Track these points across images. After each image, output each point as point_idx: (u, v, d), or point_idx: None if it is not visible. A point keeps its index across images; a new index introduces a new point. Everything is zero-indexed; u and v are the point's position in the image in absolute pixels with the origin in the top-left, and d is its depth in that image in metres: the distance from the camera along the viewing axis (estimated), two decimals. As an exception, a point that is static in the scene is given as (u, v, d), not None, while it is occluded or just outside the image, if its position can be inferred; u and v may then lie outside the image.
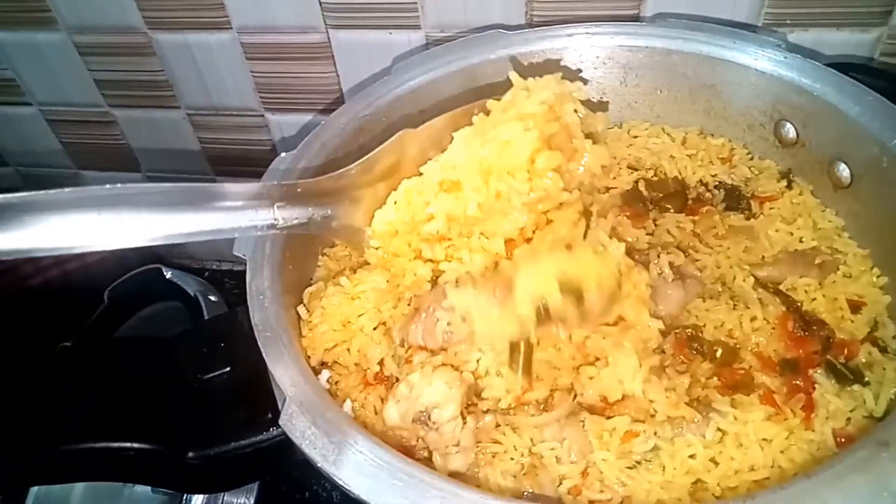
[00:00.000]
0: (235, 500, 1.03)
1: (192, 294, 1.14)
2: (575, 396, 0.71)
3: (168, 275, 1.17)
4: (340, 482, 0.57)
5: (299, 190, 0.74)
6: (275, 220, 0.70)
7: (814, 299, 0.81)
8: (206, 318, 1.08)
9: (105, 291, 1.29)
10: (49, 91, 1.45)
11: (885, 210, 0.81)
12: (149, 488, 1.03)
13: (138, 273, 1.17)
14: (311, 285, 0.84)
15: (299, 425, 0.61)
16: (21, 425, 0.68)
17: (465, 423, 0.68)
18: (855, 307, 0.79)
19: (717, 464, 0.68)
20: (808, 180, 0.93)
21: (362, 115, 0.94)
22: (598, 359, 0.73)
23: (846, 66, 0.94)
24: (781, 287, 0.82)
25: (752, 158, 0.98)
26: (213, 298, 1.13)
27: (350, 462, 0.58)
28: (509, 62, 0.99)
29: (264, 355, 0.66)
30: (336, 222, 0.76)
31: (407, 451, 0.69)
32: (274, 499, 1.09)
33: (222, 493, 0.98)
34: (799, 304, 0.80)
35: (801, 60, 0.89)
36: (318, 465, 0.58)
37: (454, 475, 0.67)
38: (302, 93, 1.35)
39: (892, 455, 0.54)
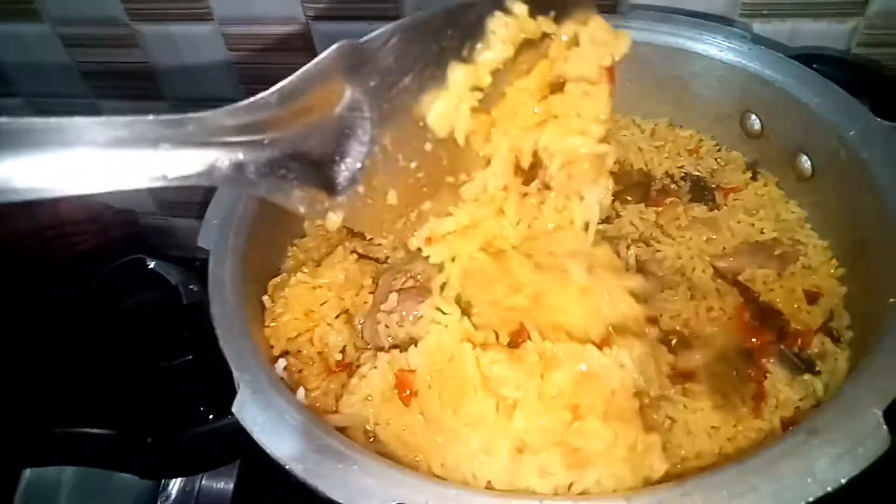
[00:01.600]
0: (214, 484, 1.05)
1: (172, 283, 1.15)
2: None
3: (151, 265, 1.18)
4: (288, 467, 0.59)
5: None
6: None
7: (771, 290, 0.82)
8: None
9: (92, 280, 1.30)
10: (35, 83, 1.47)
11: (844, 202, 0.82)
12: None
13: (122, 263, 1.18)
14: (278, 276, 0.85)
15: (251, 412, 0.62)
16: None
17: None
18: (812, 298, 0.80)
19: (664, 450, 0.70)
20: (773, 172, 0.94)
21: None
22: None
23: (812, 58, 0.95)
24: (740, 278, 0.83)
25: (719, 150, 0.99)
26: (193, 288, 1.14)
27: (297, 448, 0.60)
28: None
29: (220, 344, 0.67)
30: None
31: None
32: (253, 482, 1.11)
33: (200, 477, 1.00)
34: (756, 295, 0.81)
35: (764, 52, 0.90)
36: (268, 450, 0.60)
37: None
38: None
39: (820, 442, 0.55)
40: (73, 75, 1.43)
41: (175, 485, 0.99)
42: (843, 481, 0.53)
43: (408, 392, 0.69)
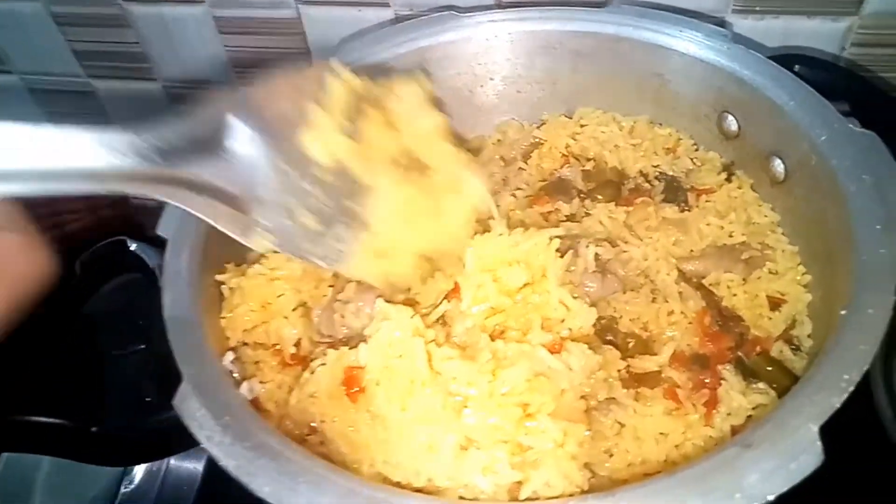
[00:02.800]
0: (184, 465, 1.06)
1: (150, 266, 1.15)
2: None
3: (132, 247, 1.19)
4: (223, 464, 0.59)
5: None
6: None
7: (735, 295, 0.81)
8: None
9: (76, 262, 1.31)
10: (28, 61, 1.48)
11: (814, 208, 0.80)
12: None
13: (104, 245, 1.19)
14: (242, 265, 0.85)
15: (191, 406, 0.62)
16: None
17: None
18: (775, 304, 0.79)
19: (611, 455, 0.69)
20: (748, 174, 0.92)
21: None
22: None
23: (794, 59, 0.93)
24: (705, 281, 0.82)
25: (697, 150, 0.98)
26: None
27: (233, 446, 0.60)
28: (457, 44, 0.99)
29: (168, 335, 0.68)
30: None
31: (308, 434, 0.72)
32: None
33: (167, 458, 1.01)
34: (719, 300, 0.80)
35: (742, 52, 0.88)
36: (204, 446, 0.60)
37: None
38: (274, 67, 1.35)
39: (753, 455, 0.54)
40: (66, 54, 1.43)
41: (140, 466, 1.00)
42: (771, 498, 0.52)
43: (356, 389, 0.69)
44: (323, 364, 0.71)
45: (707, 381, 0.73)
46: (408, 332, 0.69)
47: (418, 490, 0.63)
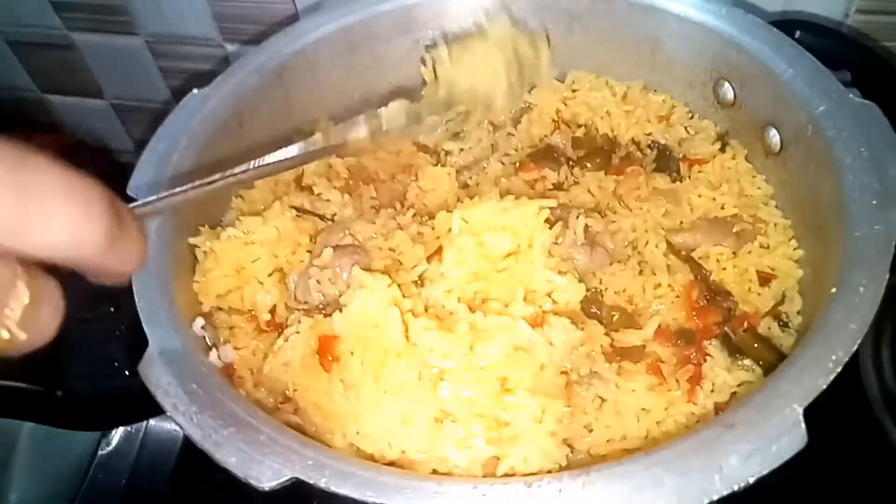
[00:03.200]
0: (164, 426, 1.04)
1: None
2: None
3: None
4: (187, 433, 0.57)
5: None
6: None
7: (724, 269, 0.78)
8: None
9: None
10: (4, 13, 1.42)
11: (808, 180, 0.77)
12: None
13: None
14: (217, 227, 0.82)
15: (156, 373, 0.60)
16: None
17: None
18: (764, 280, 0.77)
19: (591, 431, 0.68)
20: (743, 144, 0.89)
21: (285, 51, 0.91)
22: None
23: (796, 24, 0.90)
24: (694, 255, 0.80)
25: (691, 118, 0.95)
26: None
27: (199, 415, 0.58)
28: (446, 1, 0.95)
29: (136, 299, 0.65)
30: None
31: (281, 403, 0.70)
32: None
33: (145, 421, 1.00)
34: (708, 273, 0.78)
35: (741, 15, 0.84)
36: (169, 414, 0.58)
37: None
38: (259, 23, 1.31)
39: (734, 437, 0.52)
40: (44, 6, 1.38)
41: (118, 429, 0.98)
42: (751, 480, 0.50)
43: (329, 358, 0.67)
44: (297, 332, 0.69)
45: (692, 356, 0.72)
46: (384, 301, 0.67)
47: (390, 463, 0.62)
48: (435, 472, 0.61)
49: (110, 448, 0.98)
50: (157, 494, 1.00)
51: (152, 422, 1.04)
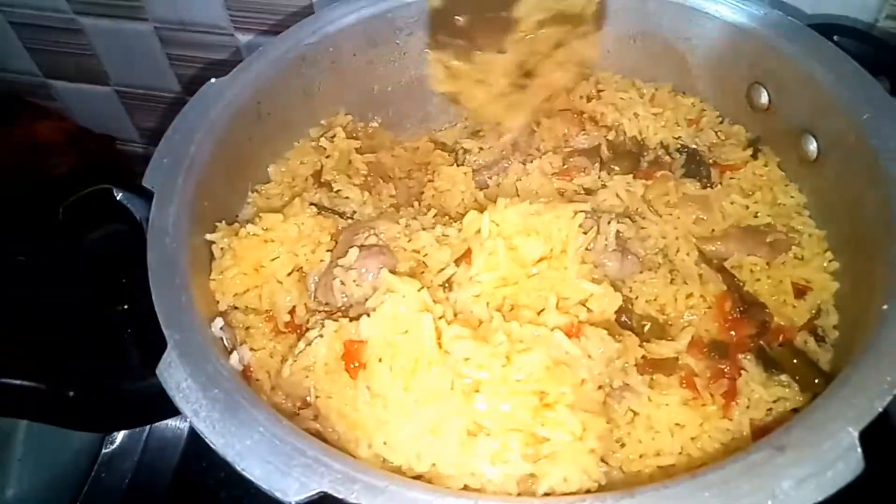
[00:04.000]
0: (168, 425, 1.01)
1: (137, 218, 1.09)
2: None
3: (118, 196, 1.12)
4: (209, 441, 0.54)
5: None
6: None
7: (758, 280, 0.76)
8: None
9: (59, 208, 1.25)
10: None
11: (847, 190, 0.75)
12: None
13: (89, 192, 1.12)
14: (235, 223, 0.79)
15: (175, 376, 0.57)
16: None
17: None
18: (800, 292, 0.75)
19: (623, 445, 0.65)
20: (776, 151, 0.87)
21: (306, 42, 0.88)
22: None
23: (833, 28, 0.87)
24: (726, 264, 0.77)
25: (721, 122, 0.92)
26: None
27: (222, 422, 0.55)
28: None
29: (153, 296, 0.62)
30: None
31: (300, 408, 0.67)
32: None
33: (149, 422, 0.97)
34: (741, 284, 0.76)
35: (780, 18, 0.82)
36: (190, 421, 0.55)
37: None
38: (273, 13, 1.27)
39: (786, 460, 0.50)
40: (51, -13, 1.35)
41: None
42: (804, 507, 0.48)
43: (355, 364, 0.64)
44: (320, 335, 0.66)
45: (726, 370, 0.69)
46: (415, 306, 0.64)
47: (419, 476, 0.59)
48: (467, 487, 0.58)
49: (114, 447, 0.96)
50: (160, 493, 0.98)
51: (157, 421, 1.01)
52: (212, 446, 0.54)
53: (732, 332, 0.72)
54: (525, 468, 0.58)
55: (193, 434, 0.99)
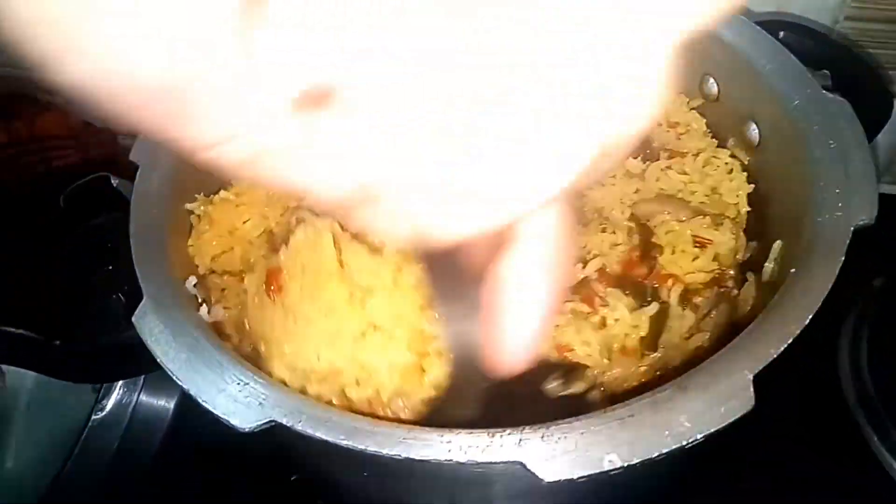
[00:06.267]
0: (155, 401, 1.07)
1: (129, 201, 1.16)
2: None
3: (115, 183, 1.19)
4: (174, 376, 0.61)
5: None
6: None
7: (667, 233, 0.82)
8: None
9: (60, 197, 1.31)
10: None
11: (780, 175, 0.81)
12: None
13: (88, 181, 1.19)
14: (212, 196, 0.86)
15: (149, 323, 0.64)
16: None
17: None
18: (700, 245, 0.82)
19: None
20: (725, 138, 0.92)
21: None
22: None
23: (780, 25, 0.93)
24: (651, 224, 0.84)
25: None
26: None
27: (185, 360, 0.62)
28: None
29: (133, 257, 0.69)
30: None
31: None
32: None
33: (137, 391, 1.04)
34: (652, 235, 0.83)
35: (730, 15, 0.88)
36: (160, 360, 0.62)
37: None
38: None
39: (686, 398, 0.56)
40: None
41: (111, 398, 1.02)
42: (699, 437, 0.54)
43: (273, 287, 0.68)
44: (252, 272, 0.72)
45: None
46: (322, 229, 0.68)
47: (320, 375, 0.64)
48: (358, 382, 0.63)
49: (104, 413, 1.02)
50: (146, 462, 1.04)
51: (143, 396, 1.07)
52: (177, 382, 0.61)
53: (627, 271, 0.80)
54: (410, 358, 0.63)
55: (179, 411, 1.05)
